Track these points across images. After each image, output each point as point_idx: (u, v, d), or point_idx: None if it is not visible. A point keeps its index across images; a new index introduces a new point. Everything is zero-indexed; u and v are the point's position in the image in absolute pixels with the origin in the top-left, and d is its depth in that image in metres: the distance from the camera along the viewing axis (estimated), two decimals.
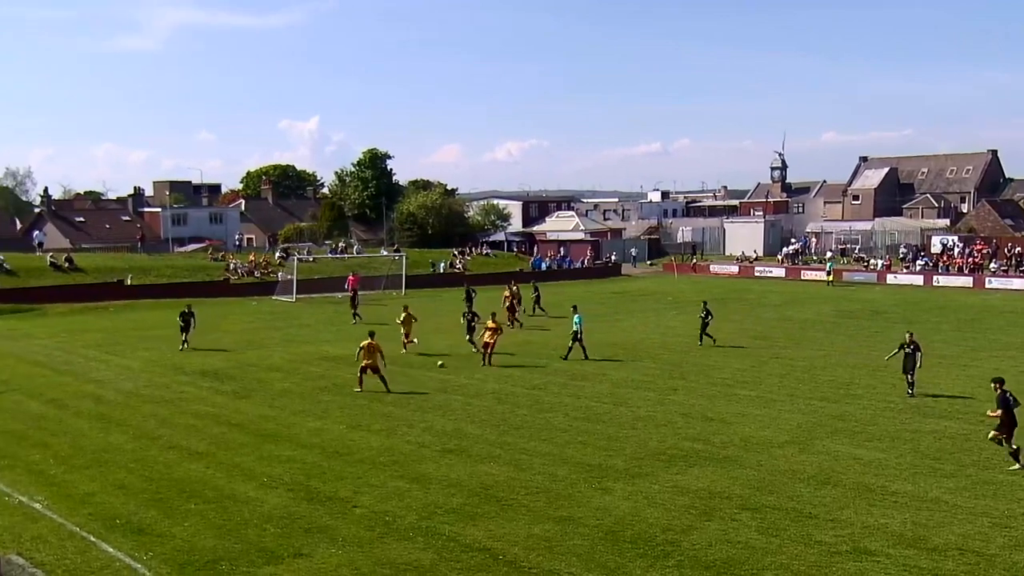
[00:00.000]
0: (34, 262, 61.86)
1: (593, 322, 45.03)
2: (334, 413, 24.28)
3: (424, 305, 49.26)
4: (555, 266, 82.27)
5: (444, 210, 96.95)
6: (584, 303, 55.97)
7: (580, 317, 33.12)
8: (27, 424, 23.29)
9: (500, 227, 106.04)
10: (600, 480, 18.03)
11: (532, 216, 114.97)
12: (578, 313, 33.30)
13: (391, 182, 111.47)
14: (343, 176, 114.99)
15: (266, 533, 15.16)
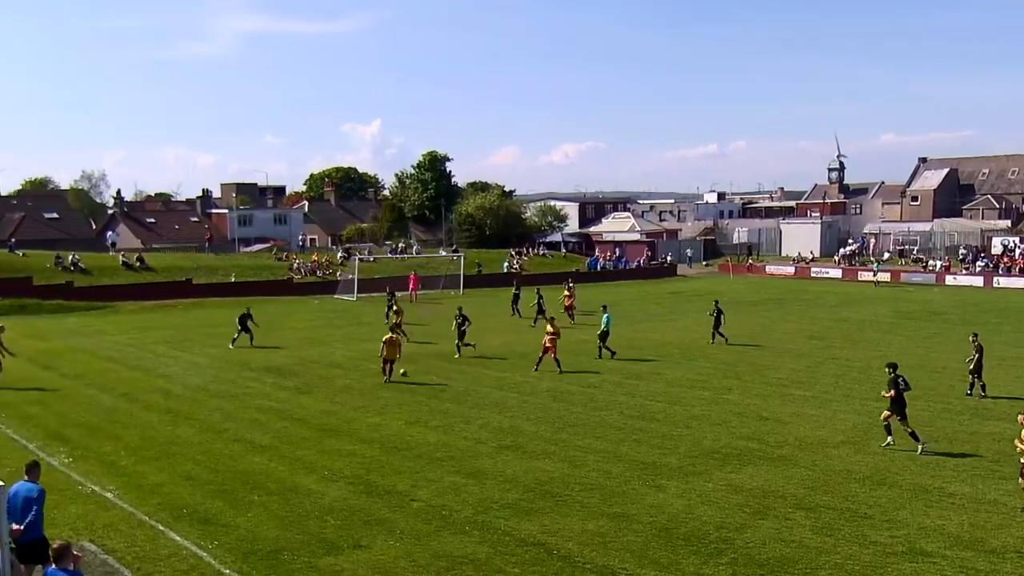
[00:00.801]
0: (107, 261, 63.28)
1: (648, 322, 44.94)
2: (393, 409, 24.48)
3: (480, 304, 49.44)
4: (611, 267, 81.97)
5: (502, 211, 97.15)
6: (639, 303, 55.97)
7: (609, 317, 33.13)
8: (100, 417, 23.84)
9: (557, 228, 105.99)
10: (654, 478, 17.94)
11: (588, 217, 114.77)
12: (607, 313, 33.27)
13: (450, 184, 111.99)
14: (403, 178, 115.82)
15: (327, 525, 15.34)
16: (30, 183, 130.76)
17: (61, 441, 21.14)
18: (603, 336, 32.84)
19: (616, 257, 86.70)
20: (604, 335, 32.86)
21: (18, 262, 58.97)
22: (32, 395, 26.73)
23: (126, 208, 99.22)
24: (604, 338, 32.81)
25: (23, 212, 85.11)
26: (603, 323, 33.03)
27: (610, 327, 33.14)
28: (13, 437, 21.57)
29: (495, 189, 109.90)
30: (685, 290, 67.70)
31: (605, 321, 33.02)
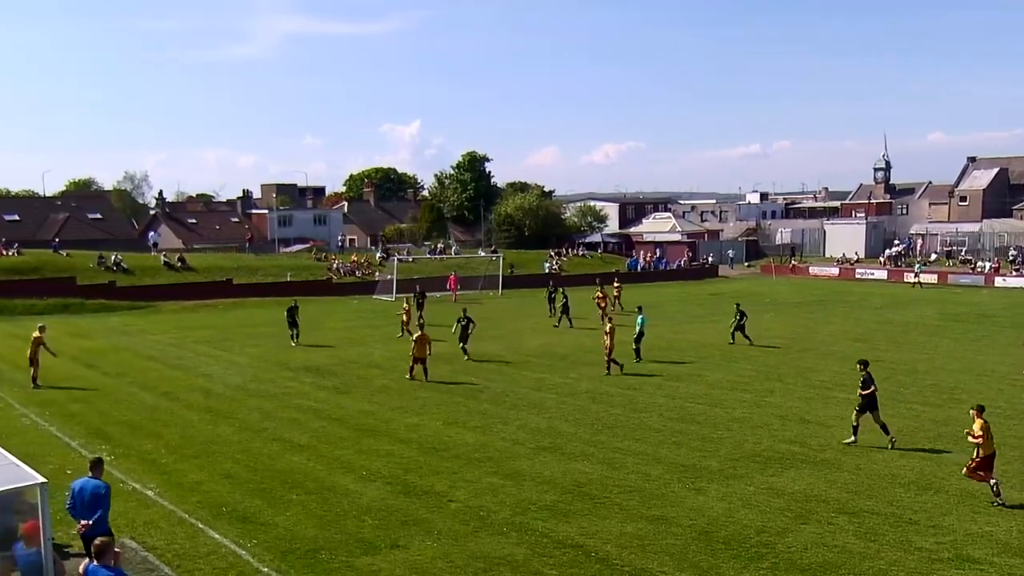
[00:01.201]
0: (149, 261, 64.18)
1: (689, 323, 44.67)
2: (431, 410, 24.55)
3: (518, 305, 49.47)
4: (651, 267, 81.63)
5: (541, 212, 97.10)
6: (680, 304, 55.67)
7: (644, 318, 32.96)
8: (141, 415, 24.16)
9: (596, 228, 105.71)
10: (694, 480, 17.83)
11: (628, 218, 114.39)
12: (642, 314, 33.13)
13: (489, 184, 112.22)
14: (442, 178, 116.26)
15: (364, 524, 15.42)
16: (74, 184, 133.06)
17: (103, 439, 21.45)
18: (638, 338, 32.65)
19: (657, 258, 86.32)
20: (639, 337, 32.67)
21: (62, 262, 59.96)
22: (75, 393, 27.17)
23: (168, 209, 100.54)
24: (639, 340, 32.63)
25: (67, 213, 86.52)
26: (637, 325, 32.85)
27: (645, 328, 32.94)
28: (56, 435, 21.93)
29: (534, 189, 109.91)
30: (727, 291, 67.18)
31: (639, 323, 32.85)
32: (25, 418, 23.77)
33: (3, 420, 23.37)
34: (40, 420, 23.47)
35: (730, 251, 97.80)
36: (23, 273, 56.05)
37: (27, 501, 11.29)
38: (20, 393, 27.06)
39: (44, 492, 10.68)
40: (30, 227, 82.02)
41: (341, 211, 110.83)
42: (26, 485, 10.93)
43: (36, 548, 10.70)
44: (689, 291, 66.72)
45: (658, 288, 68.46)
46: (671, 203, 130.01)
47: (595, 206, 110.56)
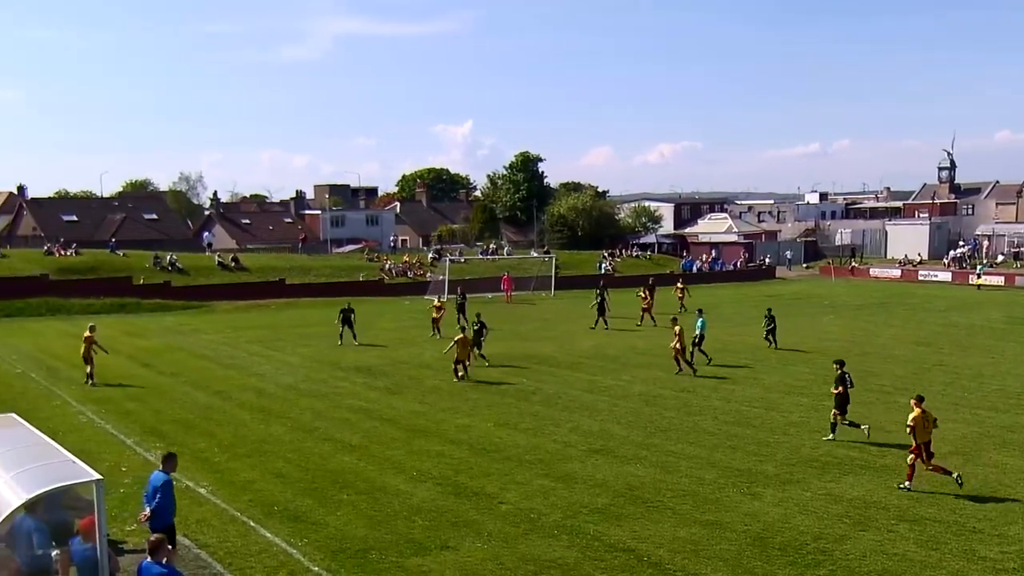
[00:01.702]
0: (203, 261, 65.19)
1: (745, 325, 44.22)
2: (482, 411, 24.62)
3: (570, 306, 49.42)
4: (706, 268, 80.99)
5: (594, 212, 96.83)
6: (736, 306, 55.14)
7: (704, 321, 32.65)
8: (195, 414, 24.56)
9: (651, 229, 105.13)
10: (749, 485, 17.66)
11: (684, 218, 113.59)
12: (703, 317, 32.87)
13: (542, 184, 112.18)
14: (495, 179, 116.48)
15: (415, 525, 15.51)
16: (131, 185, 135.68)
17: (157, 437, 21.84)
18: (698, 341, 32.41)
19: (712, 259, 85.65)
20: (700, 339, 32.43)
21: (118, 262, 61.15)
22: (131, 391, 27.71)
23: (222, 209, 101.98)
24: (699, 343, 32.41)
25: (124, 213, 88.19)
26: (698, 327, 32.57)
27: (705, 331, 32.68)
28: (112, 432, 22.38)
29: (588, 190, 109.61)
30: (784, 293, 66.43)
31: (700, 325, 32.58)
32: (82, 415, 24.31)
33: (60, 417, 23.90)
34: (96, 418, 23.98)
35: (788, 252, 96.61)
36: (80, 273, 57.28)
37: (83, 497, 11.55)
38: (77, 391, 27.66)
39: (100, 488, 10.90)
40: (88, 227, 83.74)
41: (393, 212, 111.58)
42: (82, 481, 11.17)
43: (92, 544, 10.92)
44: (745, 293, 66.06)
45: (714, 290, 67.85)
46: (727, 203, 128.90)
47: (649, 206, 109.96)
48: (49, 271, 56.25)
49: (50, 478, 11.14)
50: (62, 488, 11.24)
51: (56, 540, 11.56)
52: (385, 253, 79.22)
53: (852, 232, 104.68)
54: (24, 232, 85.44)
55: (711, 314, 49.21)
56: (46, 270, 56.33)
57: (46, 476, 11.19)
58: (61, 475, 11.26)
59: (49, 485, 10.98)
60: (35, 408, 24.38)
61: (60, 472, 11.34)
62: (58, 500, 11.65)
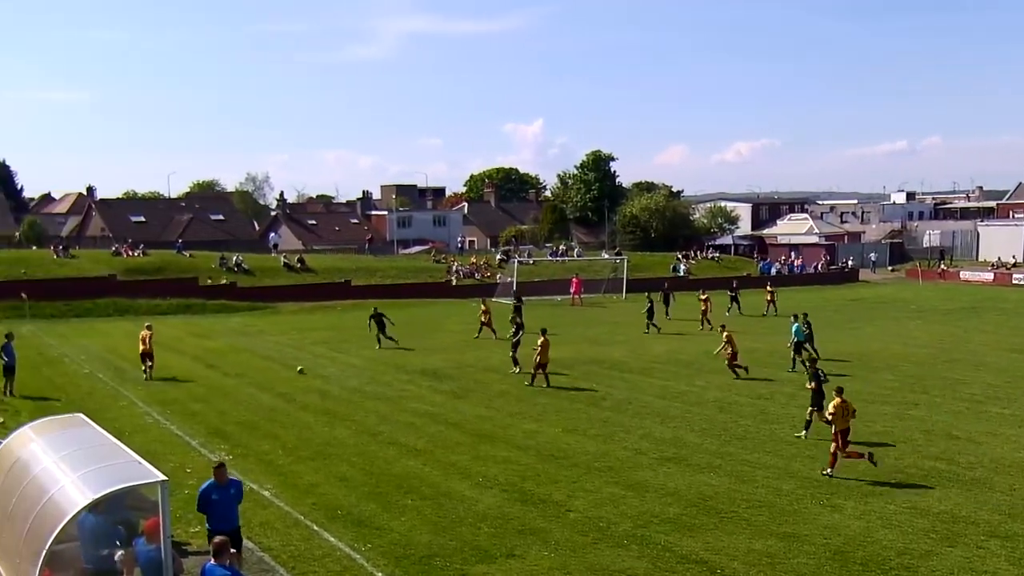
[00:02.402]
0: (269, 262, 66.31)
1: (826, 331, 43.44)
2: (550, 416, 24.61)
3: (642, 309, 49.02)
4: (785, 271, 79.92)
5: (668, 212, 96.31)
6: (817, 310, 54.14)
7: (799, 326, 32.05)
8: (259, 415, 24.98)
9: (727, 230, 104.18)
10: (829, 497, 17.37)
11: (762, 219, 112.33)
12: (797, 322, 32.29)
13: (614, 184, 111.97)
14: (565, 179, 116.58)
15: (480, 532, 15.56)
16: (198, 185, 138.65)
17: (222, 438, 22.27)
18: (796, 347, 31.76)
19: (791, 261, 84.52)
20: (797, 345, 31.78)
21: (185, 263, 62.53)
22: (196, 392, 28.30)
23: (288, 210, 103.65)
24: (798, 349, 31.70)
25: (191, 214, 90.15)
26: (793, 333, 32.07)
27: (802, 336, 32.02)
28: (177, 433, 22.88)
29: (661, 189, 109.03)
30: (868, 297, 65.32)
31: (795, 331, 32.03)
32: (147, 416, 24.89)
33: (126, 418, 24.51)
34: (161, 418, 24.53)
35: (872, 254, 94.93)
36: (147, 273, 58.71)
37: (148, 498, 11.83)
38: (143, 391, 28.33)
39: (164, 489, 11.13)
40: (155, 228, 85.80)
41: (461, 212, 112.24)
42: (147, 482, 11.43)
43: (156, 544, 11.17)
44: (826, 296, 65.06)
45: (793, 293, 66.89)
46: (808, 203, 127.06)
47: (726, 207, 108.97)
48: (117, 272, 57.75)
49: (116, 478, 11.41)
50: (127, 488, 11.51)
51: (121, 541, 11.87)
52: (452, 254, 79.71)
53: (941, 233, 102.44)
54: (93, 233, 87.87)
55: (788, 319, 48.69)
56: (114, 271, 57.85)
57: (112, 476, 11.46)
58: (127, 475, 11.53)
59: (115, 485, 11.25)
60: (102, 408, 25.04)
61: (126, 472, 11.61)
62: (123, 500, 11.95)
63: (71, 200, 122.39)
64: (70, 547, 11.62)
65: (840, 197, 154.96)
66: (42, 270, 56.36)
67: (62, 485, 11.37)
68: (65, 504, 10.97)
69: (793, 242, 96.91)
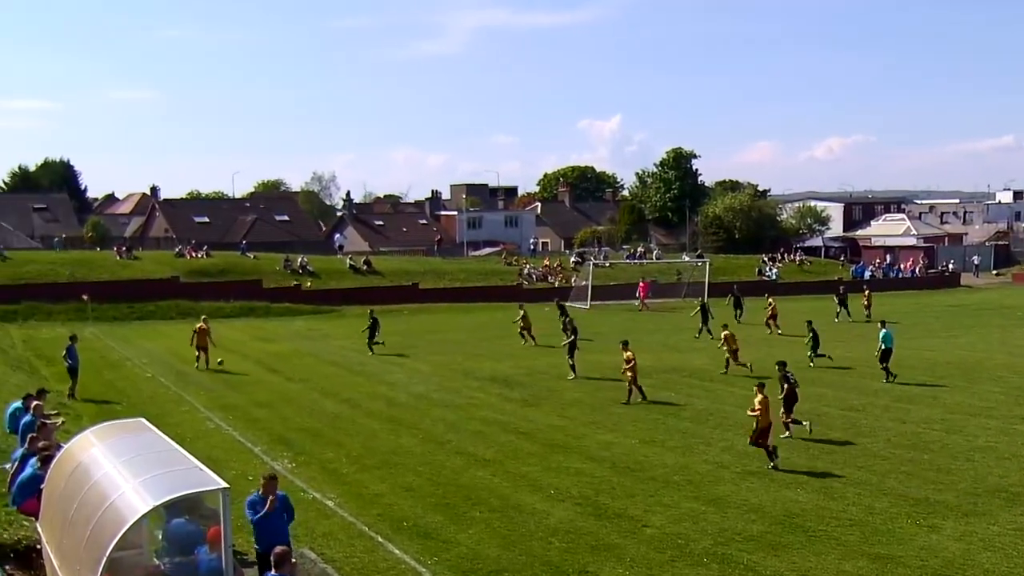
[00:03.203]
0: (335, 264, 67.16)
1: (923, 339, 42.60)
2: (626, 426, 24.51)
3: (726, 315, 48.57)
4: (880, 275, 78.52)
5: (754, 212, 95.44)
6: (914, 316, 53.28)
7: (888, 332, 31.45)
8: (323, 422, 25.31)
9: (817, 231, 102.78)
10: (926, 516, 17.00)
11: (855, 219, 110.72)
12: (886, 328, 31.70)
13: (696, 183, 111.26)
14: (644, 177, 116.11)
15: (551, 547, 15.55)
16: (263, 185, 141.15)
17: (285, 446, 22.62)
18: (884, 356, 31.16)
19: (887, 264, 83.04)
20: (886, 354, 31.20)
21: (249, 264, 63.67)
22: (259, 398, 28.79)
23: (355, 210, 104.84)
24: (885, 358, 31.10)
25: (255, 214, 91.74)
26: (881, 341, 31.49)
27: (892, 344, 31.34)
28: (240, 439, 23.29)
29: (747, 188, 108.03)
30: (970, 303, 63.85)
31: (883, 338, 31.36)
32: (209, 422, 25.39)
33: (188, 423, 25.03)
34: (223, 424, 25.00)
35: (975, 257, 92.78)
36: (211, 275, 59.90)
37: (209, 506, 12.04)
38: (205, 396, 28.90)
39: (226, 497, 11.31)
40: (219, 229, 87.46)
41: (534, 213, 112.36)
42: (209, 490, 11.63)
43: (218, 554, 11.36)
44: (925, 302, 63.78)
45: (888, 298, 65.67)
46: (905, 203, 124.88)
47: (816, 206, 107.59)
48: (180, 273, 59.06)
49: (177, 485, 11.62)
50: (189, 496, 11.73)
51: (182, 549, 12.11)
52: (524, 256, 79.82)
53: None
54: (156, 234, 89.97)
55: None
56: (177, 272, 59.17)
57: (173, 483, 11.68)
58: (188, 482, 11.74)
59: (176, 492, 11.47)
60: (164, 413, 25.59)
61: (187, 479, 11.82)
62: (184, 508, 12.18)
63: (135, 200, 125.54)
64: (131, 554, 11.89)
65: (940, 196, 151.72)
66: (106, 272, 57.86)
67: (123, 491, 11.60)
68: (126, 510, 11.19)
69: (889, 244, 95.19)
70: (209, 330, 34.61)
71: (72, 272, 56.02)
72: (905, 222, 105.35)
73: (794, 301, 58.09)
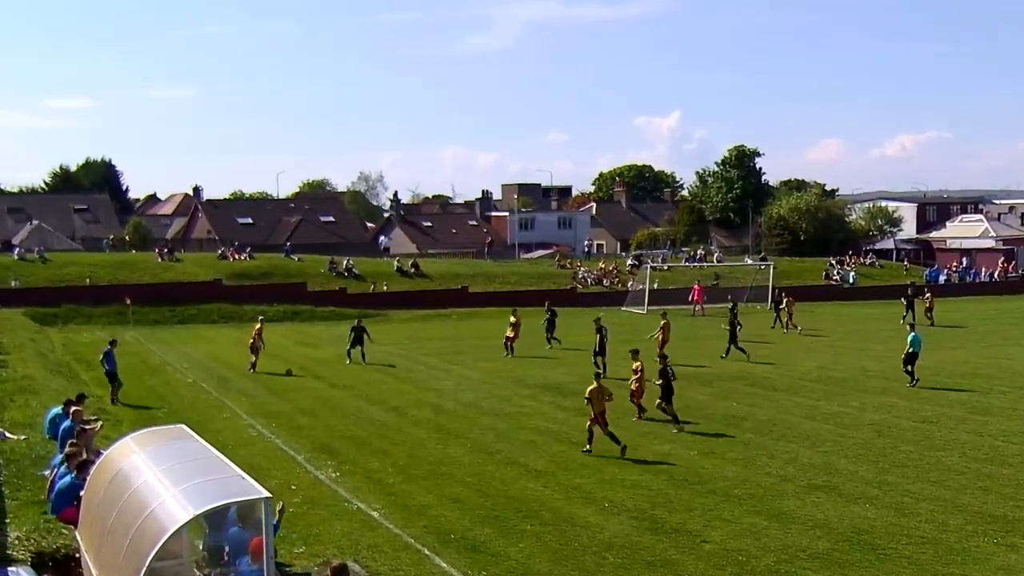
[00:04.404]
0: (381, 267, 67.59)
1: (1004, 347, 42.00)
2: (685, 437, 24.37)
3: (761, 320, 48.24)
4: (956, 279, 77.44)
5: (820, 213, 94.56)
6: (993, 323, 52.50)
7: (916, 336, 32.16)
8: (368, 431, 25.48)
9: (888, 233, 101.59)
10: (1004, 534, 16.73)
11: (929, 220, 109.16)
12: (914, 332, 32.55)
13: (759, 182, 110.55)
14: (704, 176, 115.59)
15: (605, 562, 15.53)
16: (308, 185, 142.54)
17: (329, 454, 22.79)
18: (909, 359, 31.72)
19: (963, 267, 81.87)
20: (911, 357, 31.72)
21: (293, 267, 64.31)
22: (302, 405, 29.04)
23: (402, 211, 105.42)
24: (910, 361, 31.68)
25: (300, 215, 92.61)
26: (909, 344, 31.90)
27: (919, 349, 31.93)
28: (283, 447, 23.53)
29: (813, 188, 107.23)
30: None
31: (912, 342, 31.90)
32: (251, 429, 25.67)
33: (230, 430, 25.33)
34: (266, 432, 25.27)
35: None
36: (254, 278, 60.60)
37: (252, 516, 12.17)
38: (248, 403, 29.23)
39: (268, 507, 11.43)
40: (263, 230, 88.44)
41: (588, 213, 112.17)
42: (251, 499, 11.75)
43: (260, 565, 11.48)
44: (1004, 307, 62.74)
45: (964, 304, 64.72)
46: (983, 203, 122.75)
47: (887, 207, 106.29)
48: (223, 276, 59.85)
49: (219, 494, 11.75)
50: (230, 505, 11.86)
51: (224, 559, 12.25)
52: (578, 259, 79.78)
53: None
54: (199, 235, 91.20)
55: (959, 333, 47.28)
56: (220, 275, 59.97)
57: (215, 492, 11.82)
58: (230, 491, 11.86)
59: (218, 501, 11.60)
60: (205, 420, 25.93)
61: (229, 488, 11.95)
62: (226, 517, 12.32)
63: (177, 201, 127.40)
64: (171, 564, 12.04)
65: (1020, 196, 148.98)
66: (147, 274, 58.76)
67: (163, 499, 11.76)
68: (166, 519, 11.34)
69: (965, 247, 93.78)
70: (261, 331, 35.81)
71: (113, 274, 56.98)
72: (983, 223, 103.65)
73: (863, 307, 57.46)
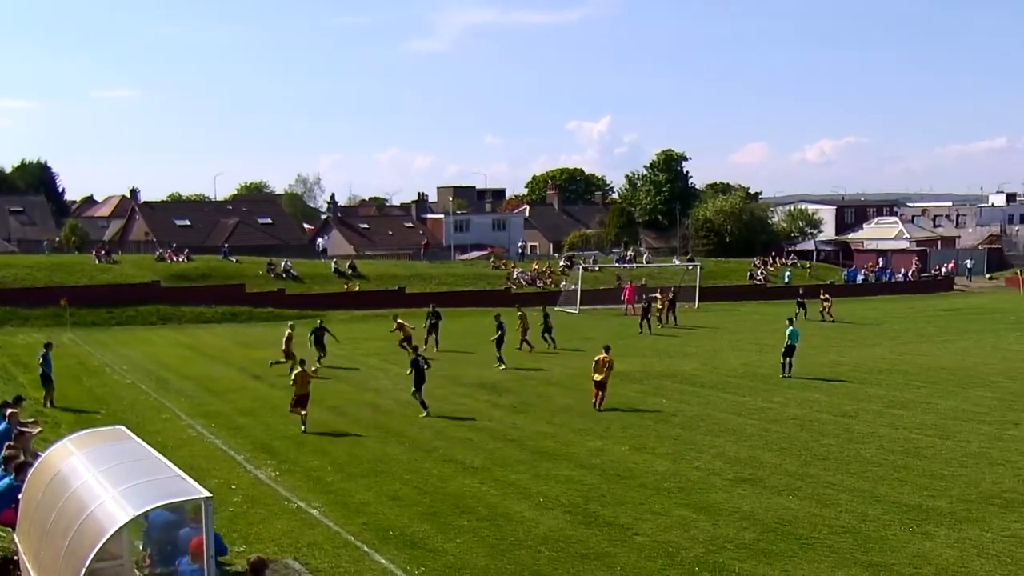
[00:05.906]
0: (319, 268, 66.97)
1: (916, 343, 42.80)
2: (616, 433, 24.52)
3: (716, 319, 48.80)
4: (873, 279, 78.85)
5: (745, 216, 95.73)
6: (907, 321, 53.55)
7: (795, 330, 33.33)
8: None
9: (809, 235, 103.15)
10: (919, 523, 17.07)
11: (847, 222, 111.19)
12: (792, 326, 33.49)
13: (686, 186, 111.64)
14: (634, 180, 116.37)
15: (540, 556, 15.56)
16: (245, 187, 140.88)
17: (269, 454, 22.55)
18: (788, 351, 32.90)
19: (879, 268, 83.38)
20: (789, 350, 32.90)
21: (231, 269, 63.45)
22: (242, 405, 28.69)
23: (340, 213, 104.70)
24: (789, 353, 32.88)
25: (238, 218, 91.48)
26: (787, 336, 33.03)
27: (796, 342, 33.14)
28: (222, 448, 23.22)
29: (738, 191, 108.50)
30: (963, 307, 64.13)
31: (789, 335, 33.03)
32: (191, 429, 25.31)
33: (170, 431, 24.92)
34: (206, 432, 24.92)
35: (968, 261, 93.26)
36: (192, 280, 59.63)
37: (191, 516, 12.00)
38: (187, 403, 28.80)
39: (208, 507, 11.29)
40: (201, 232, 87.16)
41: (522, 216, 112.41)
42: (191, 499, 11.59)
43: (200, 565, 11.33)
44: (918, 306, 64.05)
45: (880, 303, 66.01)
46: (898, 206, 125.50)
47: (808, 209, 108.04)
48: (161, 278, 58.80)
49: (158, 494, 11.58)
50: (170, 505, 11.68)
51: (164, 559, 12.07)
52: (512, 260, 79.79)
53: None
54: (136, 237, 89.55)
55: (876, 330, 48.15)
56: (158, 276, 58.92)
57: (154, 492, 11.64)
58: (169, 492, 11.70)
59: (157, 502, 11.43)
60: (144, 421, 25.50)
61: (168, 488, 11.78)
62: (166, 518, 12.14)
63: (114, 203, 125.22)
64: (111, 565, 11.84)
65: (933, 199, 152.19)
66: (84, 276, 57.58)
67: (102, 501, 11.55)
68: (105, 521, 11.15)
69: (881, 248, 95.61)
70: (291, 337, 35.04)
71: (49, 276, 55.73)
72: (898, 225, 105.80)
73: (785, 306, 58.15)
